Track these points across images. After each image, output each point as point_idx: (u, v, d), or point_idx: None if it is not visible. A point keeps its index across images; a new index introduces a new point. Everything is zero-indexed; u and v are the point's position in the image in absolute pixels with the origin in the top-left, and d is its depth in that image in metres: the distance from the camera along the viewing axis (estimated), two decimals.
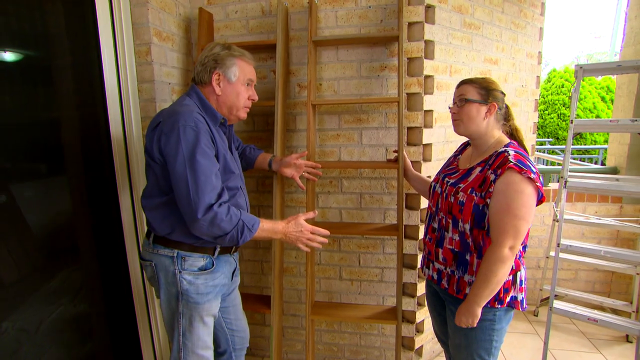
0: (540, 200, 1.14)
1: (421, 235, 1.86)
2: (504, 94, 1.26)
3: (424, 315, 1.99)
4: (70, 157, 1.50)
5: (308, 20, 1.67)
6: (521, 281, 1.22)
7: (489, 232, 1.16)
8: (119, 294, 1.73)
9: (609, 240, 2.50)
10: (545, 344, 1.66)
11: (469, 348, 1.25)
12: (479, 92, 1.23)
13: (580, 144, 5.77)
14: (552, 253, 2.31)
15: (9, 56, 1.30)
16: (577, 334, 2.35)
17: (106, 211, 1.64)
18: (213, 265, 1.26)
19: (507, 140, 1.24)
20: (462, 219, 1.20)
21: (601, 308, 2.35)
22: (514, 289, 1.20)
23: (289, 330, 2.09)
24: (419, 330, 2.00)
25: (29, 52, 1.36)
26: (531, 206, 1.11)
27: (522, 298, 1.22)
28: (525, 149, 1.24)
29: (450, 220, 1.24)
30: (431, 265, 1.34)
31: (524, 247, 1.22)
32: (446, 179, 1.31)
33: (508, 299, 1.20)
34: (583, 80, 5.97)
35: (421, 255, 1.88)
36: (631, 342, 2.26)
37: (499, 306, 1.19)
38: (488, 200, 1.14)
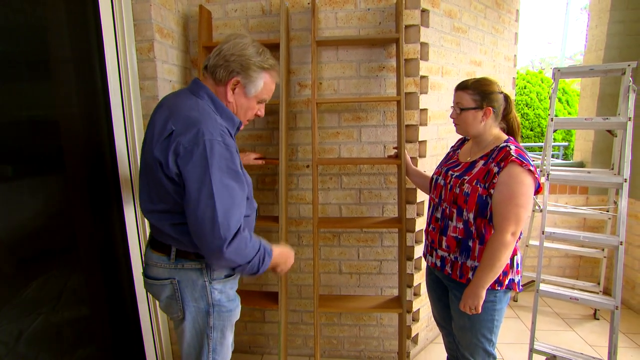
0: (537, 190, 1.24)
1: (418, 227, 1.96)
2: (502, 92, 1.33)
3: (419, 304, 2.09)
4: (71, 155, 1.45)
5: (311, 21, 1.72)
6: (517, 264, 1.33)
7: (491, 220, 1.25)
8: (123, 296, 1.69)
9: (577, 228, 2.75)
10: (533, 323, 1.81)
11: (474, 329, 1.34)
12: (474, 98, 1.31)
13: (541, 141, 6.21)
14: (532, 242, 2.51)
15: (7, 51, 1.24)
16: (552, 315, 2.56)
17: (109, 209, 1.60)
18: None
19: (505, 136, 1.34)
20: (466, 209, 1.28)
21: (573, 289, 2.57)
22: (512, 271, 1.31)
23: (289, 325, 2.11)
24: (415, 319, 2.11)
25: (31, 48, 1.31)
26: (530, 195, 1.21)
27: (519, 280, 1.34)
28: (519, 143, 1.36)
29: (454, 210, 1.32)
30: (434, 253, 1.42)
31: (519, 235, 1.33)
32: (450, 172, 1.38)
33: (507, 281, 1.30)
34: (542, 82, 6.43)
35: (423, 244, 1.98)
36: (598, 319, 2.50)
37: (499, 288, 1.29)
38: (491, 191, 1.23)
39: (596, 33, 2.68)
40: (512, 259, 1.30)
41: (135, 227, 1.67)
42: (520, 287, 1.35)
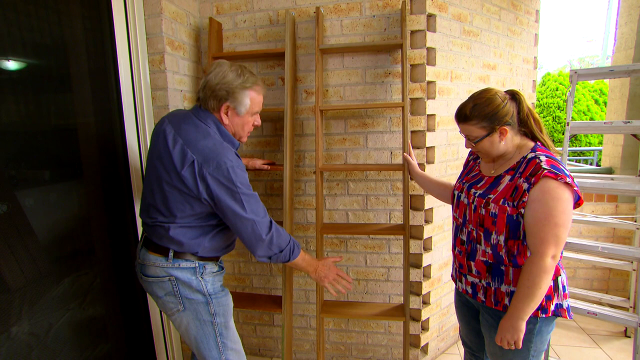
0: (577, 202, 1.09)
1: (426, 235, 1.93)
2: (505, 98, 1.16)
3: (429, 313, 2.04)
4: (88, 162, 1.56)
5: (315, 29, 1.74)
6: (564, 287, 1.15)
7: (524, 240, 1.11)
8: (135, 296, 1.77)
9: (605, 239, 2.58)
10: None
11: (505, 357, 1.20)
12: (482, 126, 1.16)
13: (576, 146, 5.88)
14: None
15: (31, 65, 1.35)
16: (577, 330, 2.41)
17: (121, 214, 1.69)
18: (222, 268, 1.38)
19: (531, 143, 1.18)
20: (496, 231, 1.14)
21: (599, 304, 2.41)
22: (557, 295, 1.14)
23: (297, 330, 2.13)
24: (424, 328, 2.06)
25: (51, 62, 1.42)
26: (570, 212, 1.06)
27: (568, 305, 1.16)
28: (546, 144, 1.19)
29: (482, 233, 1.18)
30: (464, 278, 1.28)
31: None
32: (472, 189, 1.24)
33: (552, 307, 1.13)
34: (577, 84, 6.12)
35: (431, 252, 1.95)
36: (629, 337, 2.33)
37: (543, 315, 1.12)
38: (522, 210, 1.09)
39: (625, 31, 2.53)
40: (555, 281, 1.14)
41: None
42: (571, 314, 1.16)
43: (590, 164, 4.98)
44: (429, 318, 2.05)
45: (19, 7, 1.28)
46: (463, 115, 1.19)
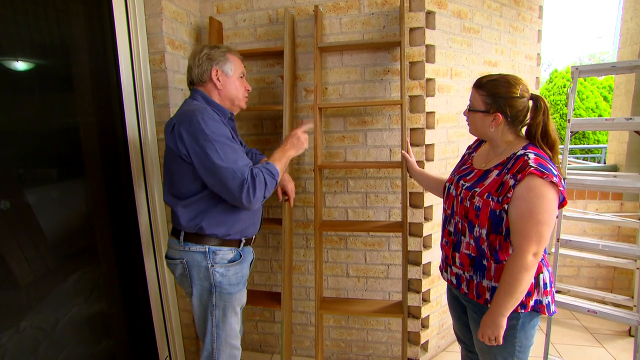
0: (562, 203, 1.10)
1: (426, 232, 1.93)
2: (523, 96, 1.15)
3: (429, 310, 2.04)
4: (90, 160, 1.59)
5: (314, 28, 1.75)
6: (545, 284, 1.16)
7: (507, 236, 1.12)
8: (137, 292, 1.80)
9: (610, 237, 2.55)
10: (547, 335, 1.71)
11: (491, 353, 1.23)
12: (485, 100, 1.17)
13: (584, 143, 5.81)
14: (553, 249, 2.37)
15: (34, 65, 1.38)
16: (580, 329, 2.39)
17: (123, 212, 1.72)
18: (241, 256, 1.37)
19: (523, 141, 1.18)
20: (478, 224, 1.16)
21: (603, 303, 2.39)
22: (538, 292, 1.15)
23: (297, 327, 2.15)
24: (424, 325, 2.06)
25: (53, 62, 1.45)
26: (554, 210, 1.07)
27: (549, 302, 1.16)
28: (547, 153, 1.14)
29: (466, 225, 1.20)
30: (449, 269, 1.31)
31: (544, 250, 1.16)
32: (461, 181, 1.26)
33: (532, 302, 1.15)
34: (585, 80, 6.02)
35: (429, 250, 1.95)
36: (633, 336, 2.30)
37: (523, 311, 1.14)
38: (506, 206, 1.10)
39: (631, 26, 2.49)
40: (537, 278, 1.15)
41: (149, 226, 1.79)
42: (553, 310, 1.17)
43: (598, 162, 4.91)
44: (429, 315, 2.05)
45: (21, 7, 1.31)
46: (478, 82, 1.21)
